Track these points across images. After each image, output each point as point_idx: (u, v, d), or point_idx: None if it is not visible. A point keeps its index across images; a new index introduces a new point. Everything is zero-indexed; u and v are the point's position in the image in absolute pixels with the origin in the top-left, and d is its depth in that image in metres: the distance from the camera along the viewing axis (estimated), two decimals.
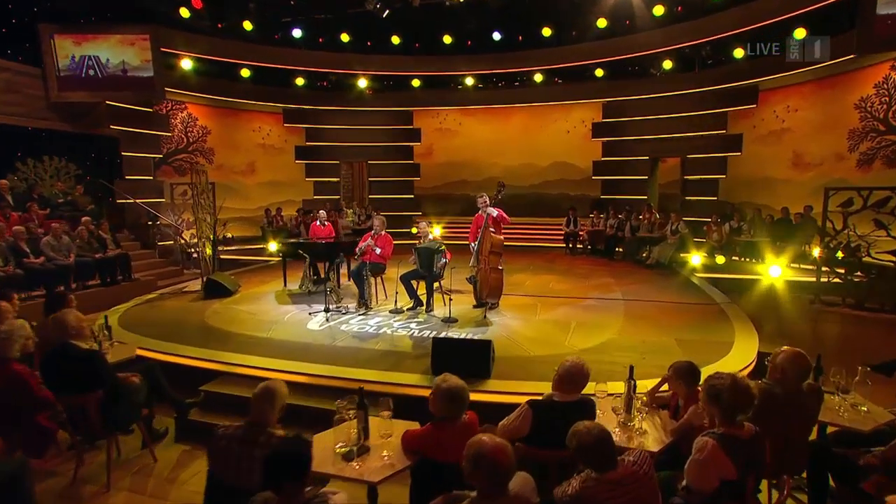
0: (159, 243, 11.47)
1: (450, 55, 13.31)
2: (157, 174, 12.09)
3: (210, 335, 5.58)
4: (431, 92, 14.70)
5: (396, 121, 15.17)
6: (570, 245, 11.95)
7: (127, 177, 11.28)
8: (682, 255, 9.88)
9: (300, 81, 13.90)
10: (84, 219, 9.08)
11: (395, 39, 13.01)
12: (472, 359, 4.16)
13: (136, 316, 6.52)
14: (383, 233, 7.17)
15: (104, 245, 8.82)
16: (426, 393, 3.87)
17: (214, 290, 7.55)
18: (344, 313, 6.43)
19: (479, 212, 6.59)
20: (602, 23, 11.35)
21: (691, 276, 8.90)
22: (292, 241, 8.90)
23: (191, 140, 12.98)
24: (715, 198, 11.98)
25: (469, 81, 14.21)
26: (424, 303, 6.55)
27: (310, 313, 6.38)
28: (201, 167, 9.16)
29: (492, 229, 6.37)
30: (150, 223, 11.26)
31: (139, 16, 10.51)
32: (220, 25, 11.37)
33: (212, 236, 8.75)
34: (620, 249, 11.04)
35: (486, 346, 4.18)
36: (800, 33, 8.91)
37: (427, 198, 15.60)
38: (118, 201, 10.99)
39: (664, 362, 4.09)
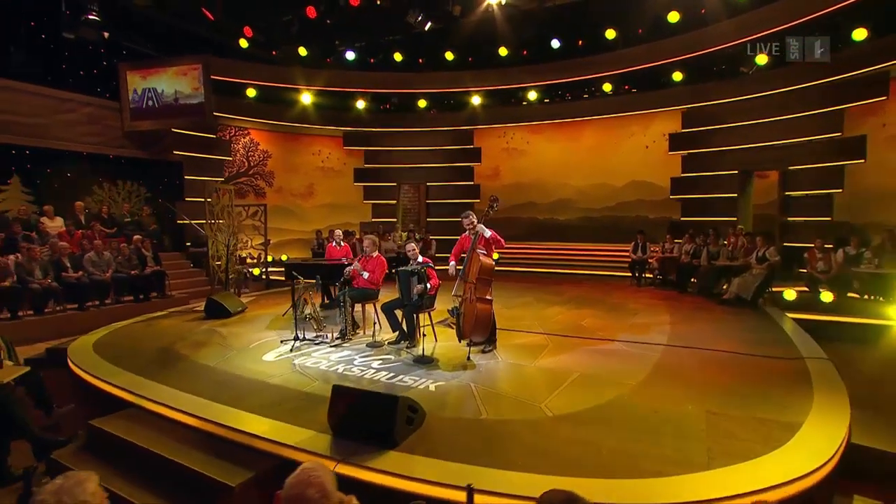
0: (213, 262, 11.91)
1: (507, 67, 12.44)
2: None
3: (161, 359, 5.19)
4: (493, 109, 13.89)
5: (456, 141, 14.56)
6: (637, 275, 10.19)
7: (187, 199, 11.94)
8: (770, 289, 7.78)
9: (361, 104, 13.95)
10: (135, 237, 9.61)
11: (449, 55, 12.48)
12: (374, 418, 3.17)
13: (120, 334, 6.42)
14: (375, 254, 6.43)
15: (144, 262, 9.19)
16: (301, 458, 3.02)
17: (214, 311, 7.33)
18: (317, 343, 5.74)
19: (466, 233, 5.58)
20: (674, 17, 9.73)
21: (781, 318, 6.87)
22: (292, 261, 8.49)
23: (252, 164, 13.54)
24: (829, 218, 9.45)
25: (533, 96, 13.17)
26: (415, 336, 5.62)
27: (281, 341, 5.79)
28: (216, 189, 9.17)
29: (481, 251, 5.29)
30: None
31: (202, 47, 11.20)
32: (273, 53, 11.73)
33: (269, 257, 8.69)
34: (696, 281, 9.10)
35: (391, 403, 3.15)
36: None
37: (489, 221, 14.58)
38: (178, 222, 11.63)
39: (667, 451, 2.81)
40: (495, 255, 13.00)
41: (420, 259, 5.94)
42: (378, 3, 9.43)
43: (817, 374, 4.47)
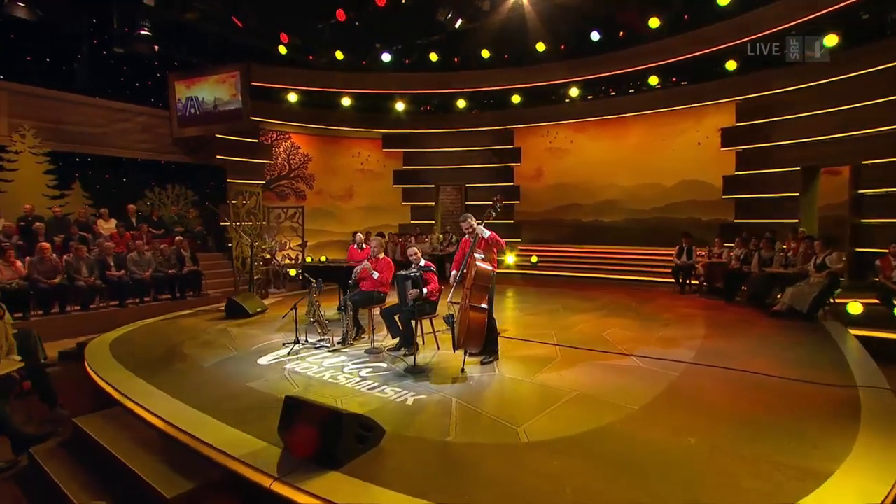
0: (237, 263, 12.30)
1: (545, 63, 11.92)
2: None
3: (164, 358, 5.31)
4: (534, 108, 13.40)
5: (496, 141, 14.20)
6: (681, 281, 9.37)
7: (231, 201, 12.41)
8: (831, 300, 6.83)
9: (400, 106, 13.95)
10: (177, 238, 10.09)
11: (485, 53, 12.14)
12: (321, 435, 2.96)
13: (141, 331, 6.69)
14: (381, 256, 6.26)
15: (182, 262, 9.62)
16: (242, 471, 2.88)
17: (234, 311, 7.49)
18: (318, 347, 5.66)
19: (466, 237, 5.27)
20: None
21: (842, 335, 5.98)
22: (310, 264, 8.52)
23: (293, 167, 13.89)
24: None
25: (574, 92, 12.55)
26: (414, 344, 5.39)
27: (283, 344, 5.76)
28: (243, 192, 9.41)
29: (479, 255, 4.96)
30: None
31: (245, 55, 11.60)
32: (311, 57, 11.94)
33: (308, 258, 8.84)
34: (746, 289, 8.20)
35: (336, 420, 2.93)
36: None
37: (530, 223, 14.19)
38: (221, 223, 12.12)
39: (641, 496, 2.59)
40: (533, 258, 12.83)
41: (422, 263, 5.70)
42: (403, 1, 9.29)
43: (871, 407, 3.75)
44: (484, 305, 4.73)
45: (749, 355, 5.20)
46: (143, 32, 10.28)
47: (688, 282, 9.31)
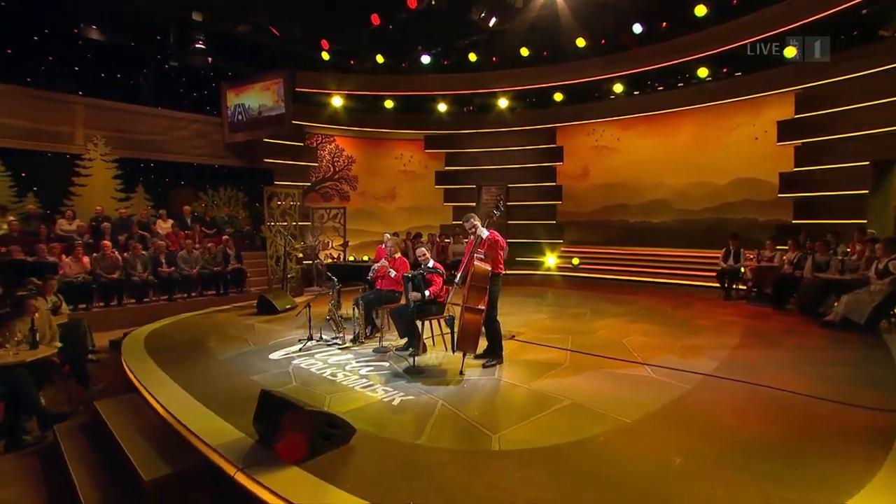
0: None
1: (585, 59, 11.53)
2: (304, 201, 13.65)
3: (187, 349, 5.65)
4: (577, 105, 13.05)
5: (538, 140, 13.93)
6: (726, 286, 8.73)
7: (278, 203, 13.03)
8: (894, 311, 6.08)
9: (441, 107, 14.06)
10: (223, 237, 10.73)
11: (524, 51, 11.95)
12: (286, 429, 3.03)
13: (177, 324, 7.16)
14: (397, 255, 6.32)
15: (227, 260, 10.21)
16: (214, 459, 2.99)
17: (264, 308, 7.85)
18: (329, 345, 5.81)
19: (471, 237, 5.18)
20: None
21: None
22: (334, 263, 8.72)
23: (337, 169, 14.34)
24: None
25: (619, 88, 12.07)
26: (419, 345, 5.40)
27: (299, 340, 5.96)
28: (277, 194, 9.80)
29: (479, 255, 4.87)
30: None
31: (292, 63, 12.12)
32: (352, 62, 12.29)
33: (350, 257, 9.21)
34: (797, 296, 7.49)
35: (298, 416, 2.99)
36: None
37: (574, 224, 13.80)
38: (270, 224, 12.75)
39: None
40: (575, 261, 12.45)
41: (431, 264, 5.68)
42: (433, 2, 9.33)
43: None
44: (481, 307, 4.64)
45: (781, 370, 4.75)
46: (197, 46, 11.03)
47: (734, 287, 8.64)
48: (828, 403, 3.89)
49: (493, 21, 10.08)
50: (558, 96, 12.71)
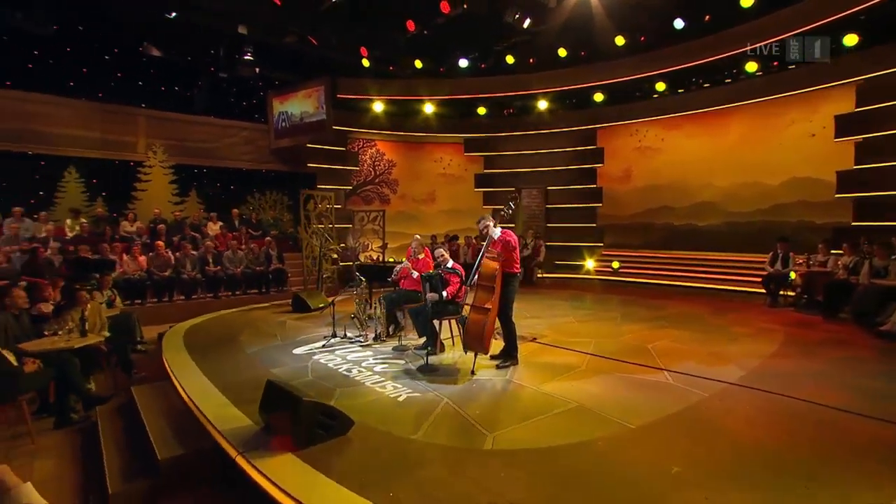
0: (341, 264, 13.25)
1: (625, 57, 11.21)
2: (346, 203, 14.08)
3: (220, 342, 6.01)
4: (619, 105, 12.72)
5: (578, 142, 13.69)
6: (773, 292, 8.22)
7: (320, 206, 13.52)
8: None
9: (481, 111, 14.13)
10: (267, 239, 11.28)
11: (562, 52, 11.78)
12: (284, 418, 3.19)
13: (216, 320, 7.60)
14: (421, 256, 6.42)
15: (270, 261, 10.71)
16: (221, 443, 3.18)
17: (298, 306, 8.17)
18: (352, 342, 5.98)
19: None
20: None
21: None
22: (363, 263, 8.90)
23: (378, 173, 14.68)
24: None
25: (661, 87, 11.66)
26: (437, 344, 5.48)
27: (323, 336, 6.18)
28: (314, 196, 10.19)
29: (492, 255, 4.88)
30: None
31: (333, 71, 12.58)
32: (391, 68, 12.57)
33: (390, 258, 9.55)
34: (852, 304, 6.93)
35: (295, 405, 3.11)
36: None
37: (615, 227, 13.43)
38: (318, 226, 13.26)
39: None
40: (615, 264, 12.11)
41: (449, 264, 5.73)
42: (465, 6, 9.38)
43: None
44: (488, 306, 4.64)
45: (818, 381, 4.43)
46: (246, 57, 11.66)
47: (781, 293, 8.11)
48: (862, 419, 3.61)
49: (527, 22, 10.00)
50: (598, 97, 12.43)
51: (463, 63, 12.58)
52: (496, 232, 4.91)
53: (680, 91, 11.73)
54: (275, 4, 10.03)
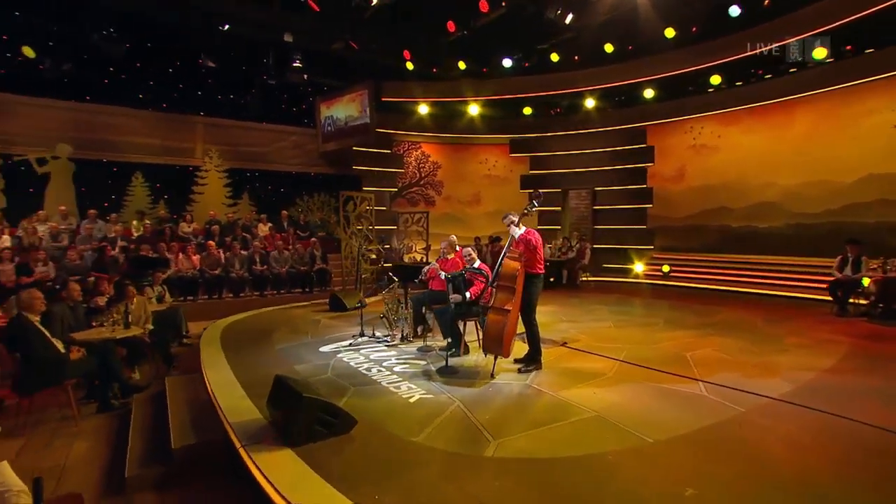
0: (384, 264, 13.45)
1: (677, 49, 10.61)
2: (392, 206, 14.26)
3: (253, 338, 6.22)
4: (670, 102, 12.10)
5: (627, 140, 13.14)
6: (841, 299, 7.45)
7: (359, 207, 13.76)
8: None
9: (527, 111, 13.91)
10: (312, 240, 11.63)
11: (609, 47, 11.33)
12: (285, 414, 3.22)
13: (255, 317, 7.88)
14: (451, 257, 6.36)
15: (314, 261, 11.03)
16: (230, 433, 3.26)
17: (335, 305, 8.33)
18: (379, 341, 6.01)
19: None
20: None
21: None
22: (398, 263, 8.92)
23: (423, 175, 14.77)
24: None
25: (716, 80, 10.94)
26: (461, 345, 5.39)
27: (352, 335, 6.25)
28: (353, 198, 10.36)
29: (514, 255, 4.73)
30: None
31: (378, 75, 12.79)
32: (434, 70, 12.62)
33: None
34: None
35: (296, 401, 3.12)
36: None
37: (666, 229, 12.77)
38: (358, 228, 13.54)
39: None
40: (665, 268, 11.49)
41: (476, 264, 5.63)
42: (503, 3, 9.24)
43: None
44: (507, 308, 4.49)
45: (879, 401, 3.95)
46: (295, 64, 12.09)
47: (851, 301, 7.34)
48: None
49: (569, 17, 9.71)
50: (648, 93, 11.85)
51: (507, 63, 12.40)
52: (517, 231, 4.77)
53: (738, 84, 10.96)
54: (319, 13, 10.36)
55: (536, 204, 4.96)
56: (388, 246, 13.22)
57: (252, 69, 12.21)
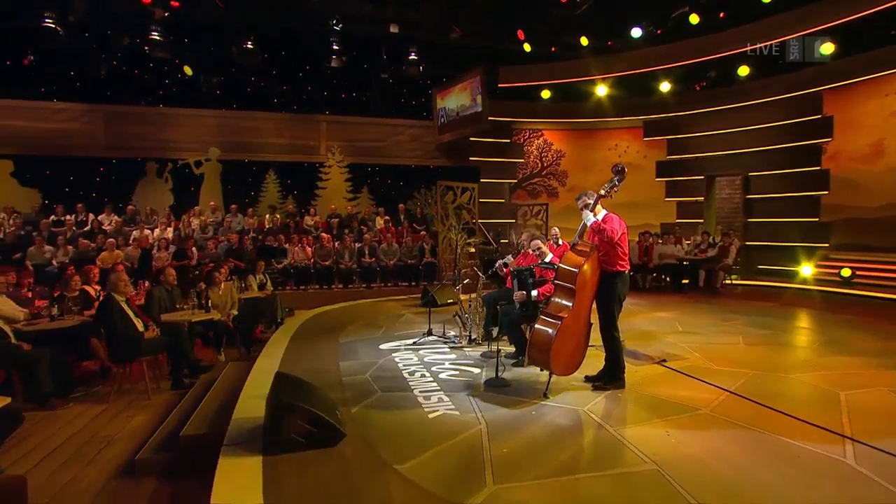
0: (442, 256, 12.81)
1: None
2: (511, 198, 13.58)
3: (326, 329, 6.22)
4: (860, 57, 9.28)
5: (794, 112, 10.52)
6: None
7: (482, 200, 13.27)
8: None
9: (663, 87, 12.06)
10: (422, 233, 11.61)
11: None
12: (269, 416, 2.92)
13: (343, 309, 7.94)
14: (529, 251, 5.57)
15: (423, 255, 10.95)
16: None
17: (427, 300, 8.02)
18: (444, 342, 5.52)
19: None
20: None
21: None
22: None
23: (545, 164, 13.79)
24: None
25: None
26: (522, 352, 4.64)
27: (421, 333, 5.85)
28: (452, 189, 9.87)
29: (583, 247, 3.84)
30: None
31: (494, 60, 12.22)
32: (553, 49, 11.58)
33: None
34: None
35: (277, 405, 2.80)
36: None
37: (848, 222, 10.01)
38: (475, 221, 13.17)
39: None
40: (845, 272, 8.98)
41: (548, 258, 4.78)
42: None
43: None
44: (563, 315, 3.62)
45: None
46: (411, 58, 12.15)
47: None
48: None
49: None
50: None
51: (635, 33, 10.85)
52: (590, 218, 3.84)
53: None
54: (430, 3, 10.16)
55: (618, 182, 3.94)
56: (504, 240, 12.59)
57: (372, 67, 12.61)
